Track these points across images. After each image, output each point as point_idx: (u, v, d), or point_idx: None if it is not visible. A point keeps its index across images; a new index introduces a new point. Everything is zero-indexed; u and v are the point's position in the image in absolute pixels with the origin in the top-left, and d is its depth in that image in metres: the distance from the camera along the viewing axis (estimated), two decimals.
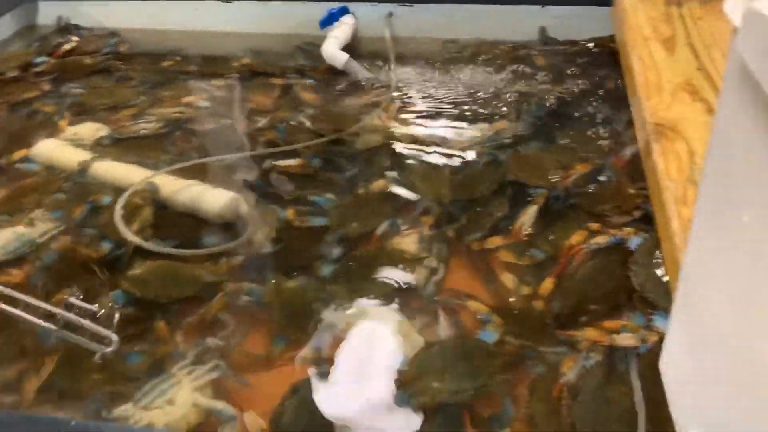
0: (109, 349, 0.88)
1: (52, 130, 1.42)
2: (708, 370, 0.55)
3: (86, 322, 0.91)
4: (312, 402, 0.82)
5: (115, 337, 0.89)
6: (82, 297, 0.97)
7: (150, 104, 1.52)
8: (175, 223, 1.16)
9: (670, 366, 0.61)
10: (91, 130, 1.43)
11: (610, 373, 0.86)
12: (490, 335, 0.91)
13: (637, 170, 1.14)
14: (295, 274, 1.03)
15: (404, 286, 1.00)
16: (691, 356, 0.58)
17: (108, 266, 1.05)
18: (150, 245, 1.06)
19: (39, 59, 1.72)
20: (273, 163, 1.28)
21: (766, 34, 0.37)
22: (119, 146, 1.38)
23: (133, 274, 1.03)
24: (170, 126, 1.44)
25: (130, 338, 0.92)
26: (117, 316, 0.93)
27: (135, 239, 1.06)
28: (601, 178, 1.17)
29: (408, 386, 0.84)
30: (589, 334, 0.90)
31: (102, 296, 0.98)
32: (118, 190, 1.18)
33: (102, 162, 1.29)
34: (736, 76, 0.45)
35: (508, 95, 1.47)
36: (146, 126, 1.44)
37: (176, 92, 1.57)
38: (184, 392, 0.86)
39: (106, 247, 1.08)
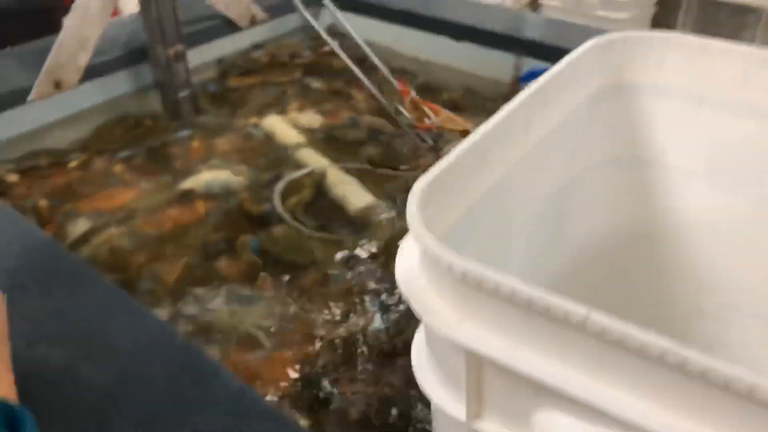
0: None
1: (282, 110, 1.81)
2: None
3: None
4: None
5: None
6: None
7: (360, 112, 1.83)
8: (325, 208, 1.45)
9: None
10: (309, 119, 1.79)
11: None
12: None
13: None
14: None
15: None
16: None
17: (258, 221, 1.37)
18: (285, 217, 1.36)
19: (304, 52, 2.15)
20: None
21: None
22: (326, 139, 1.69)
23: (272, 231, 1.34)
24: (370, 135, 1.72)
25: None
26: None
27: (279, 209, 1.37)
28: None
29: None
30: None
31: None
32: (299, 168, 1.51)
33: (305, 148, 1.62)
34: None
35: None
36: (354, 133, 1.74)
37: None
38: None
39: (265, 207, 1.41)
